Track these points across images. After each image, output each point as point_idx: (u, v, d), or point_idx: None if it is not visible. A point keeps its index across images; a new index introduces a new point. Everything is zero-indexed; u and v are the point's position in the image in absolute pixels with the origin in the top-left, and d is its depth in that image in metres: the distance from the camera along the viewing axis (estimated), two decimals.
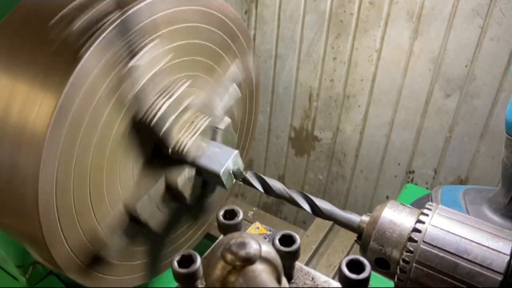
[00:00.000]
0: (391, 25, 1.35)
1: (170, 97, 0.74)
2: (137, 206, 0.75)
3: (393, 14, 1.33)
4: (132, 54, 0.67)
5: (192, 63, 0.82)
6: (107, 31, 0.62)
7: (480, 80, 1.29)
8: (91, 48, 0.61)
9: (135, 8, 0.66)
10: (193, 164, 0.79)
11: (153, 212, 0.78)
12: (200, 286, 0.51)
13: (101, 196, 0.72)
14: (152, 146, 0.78)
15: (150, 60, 0.70)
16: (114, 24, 0.63)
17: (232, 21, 0.88)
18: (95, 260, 0.74)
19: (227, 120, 0.87)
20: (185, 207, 0.87)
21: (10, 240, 1.04)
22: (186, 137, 0.77)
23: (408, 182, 1.55)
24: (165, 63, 0.74)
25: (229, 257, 0.41)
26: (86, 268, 0.73)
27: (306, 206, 0.75)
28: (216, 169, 0.78)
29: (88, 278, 0.75)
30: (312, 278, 0.57)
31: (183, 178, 0.79)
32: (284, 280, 0.47)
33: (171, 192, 0.80)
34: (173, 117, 0.75)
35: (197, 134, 0.78)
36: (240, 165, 0.82)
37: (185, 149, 0.76)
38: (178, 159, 0.78)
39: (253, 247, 0.42)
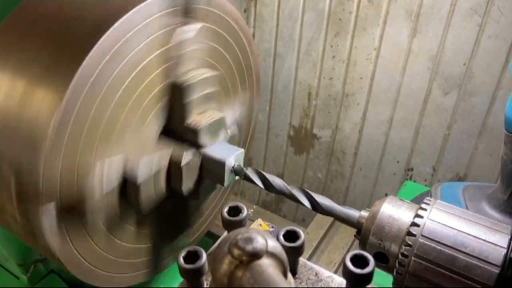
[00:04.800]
0: (390, 23, 1.36)
1: (202, 74, 0.80)
2: (141, 161, 0.74)
3: (392, 13, 1.34)
4: (186, 22, 0.76)
5: (217, 70, 0.88)
6: None
7: (478, 78, 1.30)
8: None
9: None
10: (199, 149, 0.81)
11: (148, 182, 0.76)
12: (205, 282, 0.52)
13: (109, 138, 0.71)
14: (172, 115, 0.81)
15: (197, 36, 0.78)
16: None
17: (252, 57, 0.99)
18: (72, 213, 0.70)
19: (234, 129, 0.91)
20: (175, 205, 0.88)
21: (12, 238, 1.04)
22: (201, 119, 0.81)
23: (407, 180, 1.56)
24: (203, 49, 0.82)
25: (236, 252, 0.42)
26: (61, 213, 0.68)
27: (306, 202, 0.76)
28: (222, 158, 0.80)
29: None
30: (316, 273, 0.57)
31: (188, 157, 0.79)
32: (289, 275, 0.48)
33: (171, 172, 0.80)
34: (200, 94, 0.80)
35: (211, 121, 0.82)
36: (241, 164, 0.83)
37: (199, 128, 0.79)
38: (189, 138, 0.80)
39: (259, 242, 0.42)
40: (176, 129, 0.81)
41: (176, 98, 0.79)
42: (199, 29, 0.79)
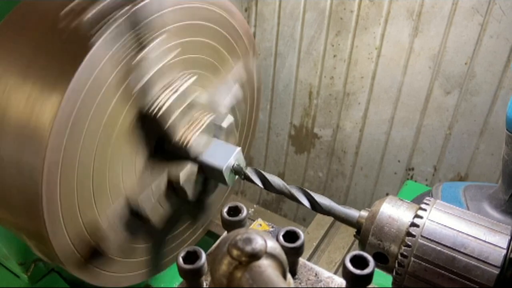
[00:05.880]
0: (391, 22, 1.36)
1: (176, 91, 0.75)
2: (139, 199, 0.75)
3: (393, 12, 1.34)
4: (141, 46, 0.69)
5: (197, 61, 0.83)
6: (118, 22, 0.63)
7: (479, 78, 1.30)
8: (102, 38, 0.62)
9: (145, 1, 0.67)
10: (195, 160, 0.80)
11: (154, 207, 0.78)
12: (205, 282, 0.52)
13: (103, 188, 0.72)
14: (156, 140, 0.78)
15: (158, 54, 0.71)
16: (125, 16, 0.64)
17: (235, 21, 0.89)
18: (94, 254, 0.74)
19: (230, 118, 0.87)
20: (186, 205, 0.88)
21: (12, 237, 1.05)
22: (189, 132, 0.78)
23: (408, 179, 1.56)
24: (172, 58, 0.75)
25: (235, 252, 0.42)
26: (85, 262, 0.73)
27: (305, 202, 0.76)
28: (219, 165, 0.79)
29: (89, 273, 0.76)
30: (316, 274, 0.57)
31: (185, 173, 0.79)
32: (289, 276, 0.48)
33: (173, 187, 0.81)
34: (178, 111, 0.75)
35: (200, 130, 0.79)
36: (242, 162, 0.83)
37: (189, 144, 0.77)
38: (181, 155, 0.79)
39: (259, 242, 0.42)
40: (167, 148, 0.79)
41: (154, 128, 0.75)
42: (157, 44, 0.71)
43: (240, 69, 0.93)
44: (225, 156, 0.80)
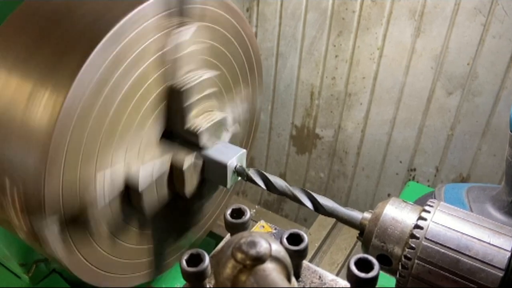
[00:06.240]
0: (393, 23, 1.35)
1: (200, 77, 0.79)
2: (141, 168, 0.74)
3: (395, 12, 1.33)
4: (182, 23, 0.74)
5: (217, 68, 0.87)
6: None
7: (482, 78, 1.29)
8: None
9: None
10: (201, 151, 0.81)
11: (150, 187, 0.77)
12: (208, 285, 0.52)
13: (108, 147, 0.70)
14: (171, 117, 0.79)
15: (193, 37, 0.76)
16: None
17: (254, 53, 0.97)
18: (77, 223, 0.71)
19: (236, 127, 0.91)
20: (179, 204, 0.87)
21: (13, 238, 1.04)
22: (202, 121, 0.81)
23: (409, 180, 1.56)
24: (202, 49, 0.80)
25: (239, 256, 0.42)
26: (65, 224, 0.68)
27: (308, 203, 0.76)
28: (223, 160, 0.79)
29: (73, 260, 0.72)
30: (320, 277, 0.57)
31: (189, 161, 0.79)
32: (293, 279, 0.47)
33: (173, 176, 0.80)
34: (199, 96, 0.79)
35: (212, 122, 0.81)
36: (244, 165, 0.83)
37: (199, 131, 0.79)
38: (190, 141, 0.80)
39: (263, 246, 0.42)
40: (177, 132, 0.81)
41: (174, 102, 0.77)
42: (195, 30, 0.77)
43: (247, 95, 1.00)
44: (230, 154, 0.81)
